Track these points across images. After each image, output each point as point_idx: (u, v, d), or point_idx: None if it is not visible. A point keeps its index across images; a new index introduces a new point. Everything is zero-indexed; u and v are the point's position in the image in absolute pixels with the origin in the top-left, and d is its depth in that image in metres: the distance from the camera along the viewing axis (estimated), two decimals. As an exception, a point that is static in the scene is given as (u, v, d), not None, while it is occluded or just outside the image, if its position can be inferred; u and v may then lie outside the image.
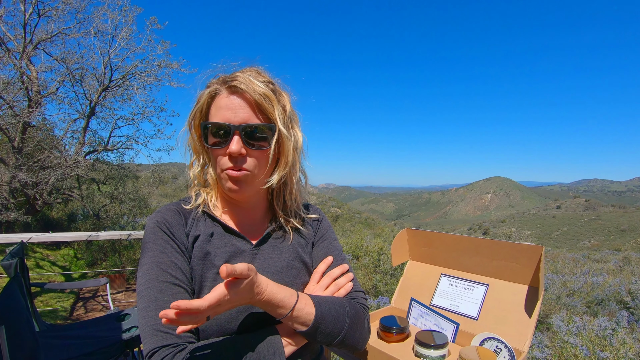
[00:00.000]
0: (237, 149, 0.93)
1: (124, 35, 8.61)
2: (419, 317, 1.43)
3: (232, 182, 0.97)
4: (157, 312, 0.84)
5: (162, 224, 0.97)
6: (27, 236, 4.03)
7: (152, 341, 0.81)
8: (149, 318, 0.84)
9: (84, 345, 2.37)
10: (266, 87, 0.96)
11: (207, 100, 1.00)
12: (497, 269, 1.33)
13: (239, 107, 0.94)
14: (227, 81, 0.97)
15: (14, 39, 7.75)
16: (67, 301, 5.75)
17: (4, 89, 7.29)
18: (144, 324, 0.84)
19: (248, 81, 0.94)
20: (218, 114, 0.96)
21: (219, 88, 0.98)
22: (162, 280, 0.89)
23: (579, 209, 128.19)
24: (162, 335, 0.82)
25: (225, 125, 0.94)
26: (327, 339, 0.96)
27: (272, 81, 1.01)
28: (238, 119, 0.94)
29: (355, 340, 1.02)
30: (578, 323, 4.08)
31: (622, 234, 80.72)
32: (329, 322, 0.95)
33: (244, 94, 0.95)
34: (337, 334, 0.97)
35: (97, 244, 8.01)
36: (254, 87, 0.94)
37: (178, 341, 0.82)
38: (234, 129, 0.93)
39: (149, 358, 0.80)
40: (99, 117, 9.51)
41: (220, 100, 0.97)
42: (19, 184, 7.73)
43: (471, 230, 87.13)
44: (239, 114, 0.94)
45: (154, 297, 0.86)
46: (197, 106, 1.01)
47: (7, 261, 2.54)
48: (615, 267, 9.57)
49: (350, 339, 1.01)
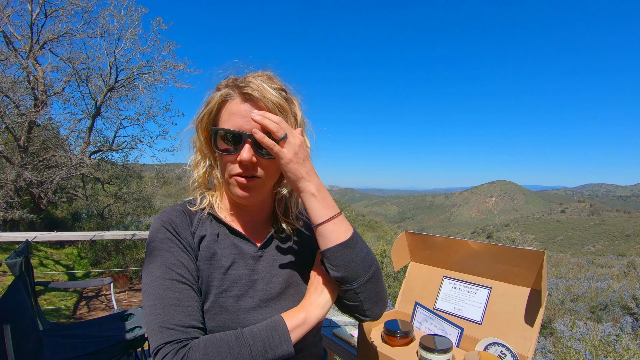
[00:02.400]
0: (249, 158, 0.93)
1: (130, 36, 8.67)
2: (423, 321, 1.42)
3: (241, 188, 0.97)
4: (162, 309, 0.84)
5: (167, 223, 0.97)
6: (33, 235, 4.04)
7: (158, 338, 0.81)
8: (155, 316, 0.84)
9: (88, 344, 2.37)
10: (279, 94, 0.96)
11: (218, 104, 0.99)
12: (500, 273, 1.33)
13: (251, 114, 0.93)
14: (240, 86, 0.96)
15: (21, 38, 7.81)
16: (70, 300, 5.77)
17: (11, 88, 7.33)
18: (150, 322, 0.84)
19: (262, 88, 0.93)
20: (230, 120, 0.95)
21: (230, 92, 0.97)
22: (169, 278, 0.89)
23: (583, 213, 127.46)
24: (167, 332, 0.82)
25: (238, 133, 0.93)
26: (362, 266, 0.93)
27: (284, 88, 1.00)
28: (250, 127, 0.92)
29: (381, 288, 0.99)
30: (582, 328, 4.06)
31: (627, 239, 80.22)
32: (363, 245, 0.96)
33: (257, 102, 0.94)
34: (370, 262, 0.95)
35: (101, 244, 8.04)
36: (267, 96, 0.93)
37: (183, 337, 0.82)
38: (245, 137, 0.93)
39: (155, 355, 0.80)
40: (104, 117, 9.58)
41: (232, 106, 0.96)
42: (24, 183, 7.78)
43: (475, 234, 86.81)
44: (252, 122, 0.92)
45: (160, 295, 0.86)
46: (207, 108, 1.00)
47: (12, 260, 2.55)
48: (619, 272, 9.51)
49: (378, 282, 0.97)
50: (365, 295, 0.95)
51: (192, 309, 0.88)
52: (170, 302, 0.85)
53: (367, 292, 0.95)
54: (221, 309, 0.94)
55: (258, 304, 0.97)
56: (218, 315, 0.93)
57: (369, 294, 0.95)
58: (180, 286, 0.89)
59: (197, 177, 1.09)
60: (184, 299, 0.88)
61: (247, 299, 0.97)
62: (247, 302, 0.97)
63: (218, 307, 0.93)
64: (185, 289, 0.89)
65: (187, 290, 0.90)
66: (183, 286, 0.90)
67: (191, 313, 0.87)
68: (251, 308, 0.96)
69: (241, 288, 0.97)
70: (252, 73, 1.00)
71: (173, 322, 0.83)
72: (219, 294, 0.95)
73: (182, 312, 0.85)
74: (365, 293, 0.95)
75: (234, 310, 0.94)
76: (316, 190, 0.92)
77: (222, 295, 0.95)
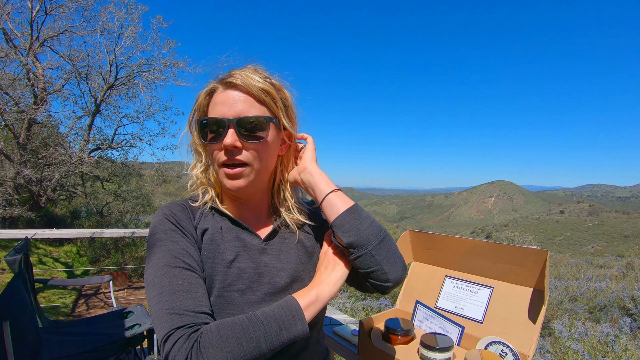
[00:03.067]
0: (232, 142, 0.93)
1: (130, 34, 8.65)
2: (424, 319, 1.42)
3: (230, 178, 0.97)
4: (170, 296, 0.82)
5: (170, 216, 0.97)
6: (32, 232, 4.03)
7: (167, 324, 0.78)
8: (163, 303, 0.81)
9: (87, 342, 2.37)
10: (264, 81, 0.97)
11: (206, 99, 1.01)
12: (502, 272, 1.33)
13: (234, 101, 0.95)
14: (223, 79, 0.98)
15: (21, 35, 7.80)
16: (69, 298, 5.76)
17: (10, 85, 7.32)
18: (157, 310, 0.81)
19: (245, 76, 0.95)
20: (214, 109, 0.97)
21: (215, 86, 0.99)
22: (174, 266, 0.87)
23: (582, 214, 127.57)
24: (177, 317, 0.79)
25: (220, 120, 0.94)
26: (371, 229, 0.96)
27: (269, 77, 1.01)
28: (232, 112, 0.94)
29: (395, 249, 1.00)
30: (580, 329, 4.07)
31: (626, 240, 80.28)
32: (367, 214, 0.99)
33: (240, 88, 0.95)
34: (379, 227, 0.98)
35: (100, 241, 8.03)
36: (250, 82, 0.94)
37: (193, 321, 0.79)
38: (228, 122, 0.93)
39: (165, 342, 0.77)
40: (103, 114, 9.55)
41: (216, 97, 0.98)
42: (24, 180, 7.76)
43: (474, 234, 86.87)
44: (234, 107, 0.94)
45: (167, 282, 0.84)
46: (195, 105, 1.03)
47: (11, 257, 2.54)
48: (618, 273, 9.52)
49: (391, 243, 0.99)
50: (382, 257, 0.96)
51: (201, 296, 0.86)
52: (178, 289, 0.84)
53: (383, 253, 0.96)
54: (226, 303, 0.93)
55: (263, 297, 0.97)
56: (223, 310, 0.92)
57: (385, 254, 0.96)
58: (187, 273, 0.88)
59: (195, 178, 1.09)
60: (192, 285, 0.86)
61: (252, 293, 0.96)
62: (253, 295, 0.96)
63: (223, 301, 0.93)
64: (192, 276, 0.88)
65: (195, 278, 0.88)
66: (190, 273, 0.88)
67: (200, 299, 0.85)
68: (256, 302, 0.96)
69: (246, 282, 0.97)
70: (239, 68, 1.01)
71: (182, 308, 0.81)
72: (223, 288, 0.94)
73: (191, 297, 0.83)
74: (381, 254, 0.96)
75: (239, 304, 0.94)
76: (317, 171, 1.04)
77: (227, 290, 0.94)
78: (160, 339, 0.78)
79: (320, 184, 1.01)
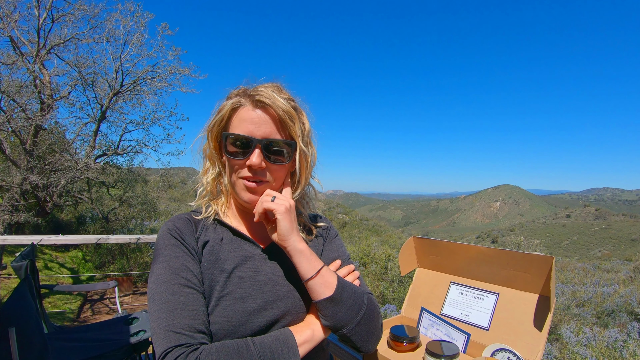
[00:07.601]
0: (258, 162, 0.96)
1: (136, 41, 8.72)
2: (430, 326, 1.41)
3: (249, 192, 1.01)
4: (169, 313, 0.85)
5: (173, 230, 1.00)
6: (38, 238, 4.05)
7: (165, 342, 0.81)
8: (162, 320, 0.84)
9: (92, 348, 2.38)
10: (288, 104, 0.99)
11: (229, 112, 1.02)
12: (507, 278, 1.32)
13: (262, 121, 0.98)
14: (251, 95, 0.99)
15: (28, 43, 7.87)
16: (74, 303, 5.78)
17: (17, 92, 7.39)
18: (156, 326, 0.84)
19: (272, 97, 0.97)
20: (241, 125, 0.98)
21: (242, 101, 1.00)
22: (174, 283, 0.90)
23: (589, 217, 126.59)
24: (175, 335, 0.82)
25: (248, 138, 0.97)
26: (349, 313, 0.98)
27: (293, 98, 1.04)
28: (261, 133, 0.97)
29: (373, 327, 1.03)
30: (588, 334, 4.03)
31: (633, 244, 79.58)
32: (350, 293, 0.99)
33: (268, 109, 0.98)
34: (358, 307, 0.99)
35: (106, 247, 8.06)
36: (277, 104, 0.97)
37: (191, 341, 0.82)
38: (256, 142, 0.96)
39: (162, 359, 0.80)
40: (109, 121, 9.60)
41: (243, 113, 0.99)
42: (30, 186, 7.81)
43: (480, 239, 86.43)
44: (262, 128, 0.97)
45: (166, 299, 0.87)
46: (218, 116, 1.03)
47: (18, 263, 2.56)
48: (626, 277, 9.43)
49: (369, 322, 1.01)
50: (356, 337, 1.00)
51: (198, 313, 0.88)
52: (176, 306, 0.86)
53: (358, 334, 1.00)
54: (225, 310, 0.94)
55: (263, 305, 0.98)
56: (222, 317, 0.93)
57: (359, 335, 1.00)
58: (186, 290, 0.90)
59: (206, 184, 1.12)
60: (190, 302, 0.88)
61: (252, 301, 0.97)
62: (252, 303, 0.97)
63: (221, 309, 0.94)
64: (191, 292, 0.90)
65: (193, 294, 0.91)
66: (189, 290, 0.91)
67: (197, 317, 0.87)
68: (256, 310, 0.97)
69: (246, 290, 0.98)
70: (262, 84, 1.03)
71: (180, 326, 0.83)
72: (222, 297, 0.95)
73: (188, 315, 0.86)
74: (355, 335, 0.99)
75: (238, 312, 0.95)
76: (304, 247, 0.99)
77: (226, 298, 0.95)
78: (158, 355, 0.81)
79: (301, 267, 0.99)
